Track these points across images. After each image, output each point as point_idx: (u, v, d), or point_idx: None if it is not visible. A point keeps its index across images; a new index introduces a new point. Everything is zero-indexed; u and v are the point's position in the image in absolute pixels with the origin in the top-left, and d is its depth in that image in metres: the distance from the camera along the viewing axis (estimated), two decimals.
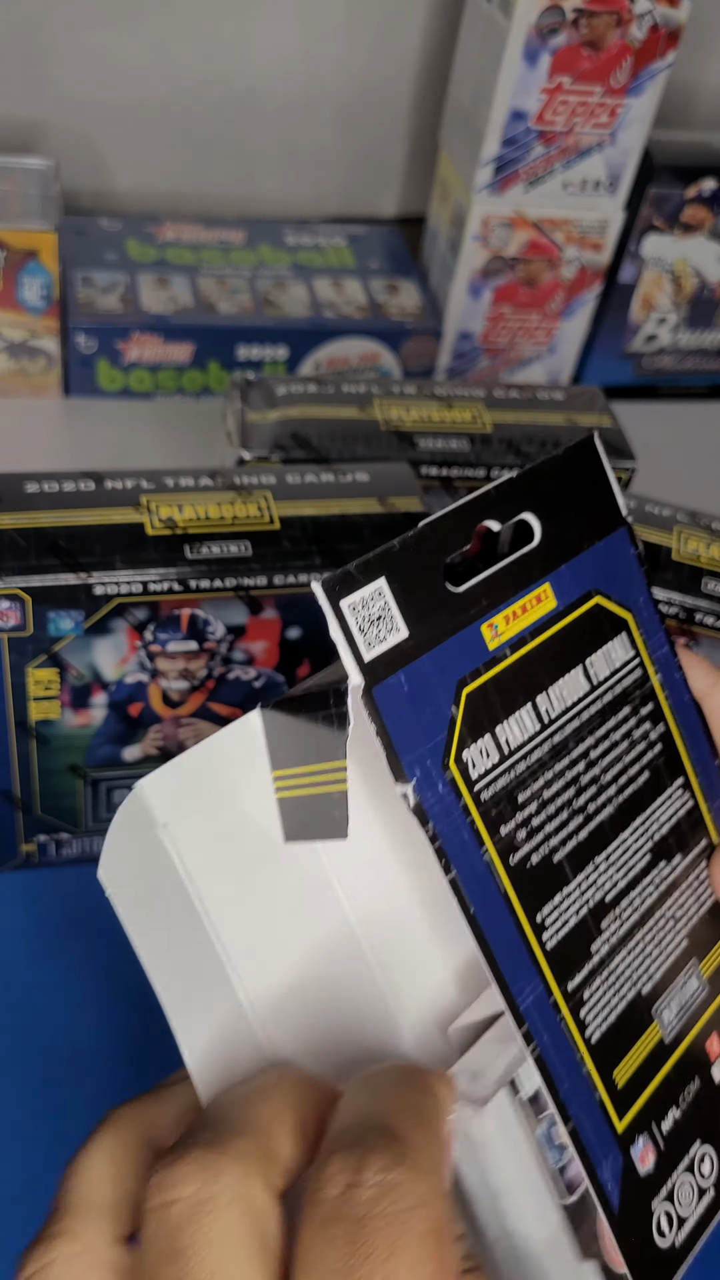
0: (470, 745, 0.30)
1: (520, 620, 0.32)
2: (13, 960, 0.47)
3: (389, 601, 0.29)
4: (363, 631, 0.29)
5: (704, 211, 0.73)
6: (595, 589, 0.34)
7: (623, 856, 0.33)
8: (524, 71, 0.64)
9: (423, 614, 0.30)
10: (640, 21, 0.64)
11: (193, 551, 0.42)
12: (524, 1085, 0.29)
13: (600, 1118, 0.31)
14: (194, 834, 0.30)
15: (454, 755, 0.30)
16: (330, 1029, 0.32)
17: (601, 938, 0.32)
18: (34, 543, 0.40)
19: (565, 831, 0.32)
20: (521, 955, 0.30)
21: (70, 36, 0.77)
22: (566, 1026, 0.31)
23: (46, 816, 0.48)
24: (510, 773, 0.31)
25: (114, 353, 0.71)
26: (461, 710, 0.30)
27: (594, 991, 0.31)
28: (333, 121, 0.85)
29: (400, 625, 0.29)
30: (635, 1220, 0.31)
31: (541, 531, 0.32)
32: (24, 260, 0.67)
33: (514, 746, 0.31)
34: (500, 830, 0.30)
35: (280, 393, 0.52)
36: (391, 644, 0.29)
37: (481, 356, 0.77)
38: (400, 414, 0.52)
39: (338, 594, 0.28)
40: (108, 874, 0.32)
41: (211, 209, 0.85)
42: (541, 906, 0.31)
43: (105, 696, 0.44)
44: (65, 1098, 0.44)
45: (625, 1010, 0.32)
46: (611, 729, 0.33)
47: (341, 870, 0.32)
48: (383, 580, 0.29)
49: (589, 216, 0.71)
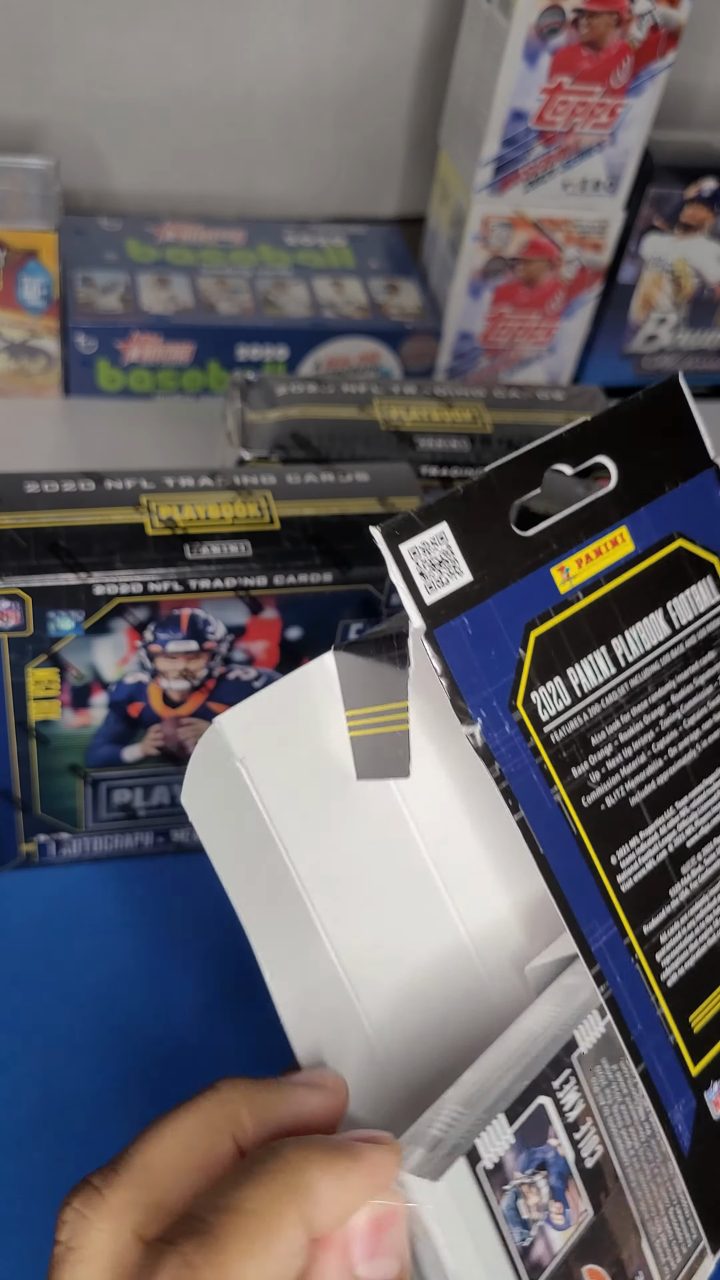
0: (539, 687, 0.30)
1: (594, 564, 0.31)
2: (12, 961, 0.47)
3: (451, 546, 0.29)
4: (423, 575, 0.29)
5: (704, 211, 0.73)
6: (678, 531, 0.33)
7: (707, 802, 0.32)
8: (524, 71, 0.64)
9: (488, 558, 0.30)
10: (640, 21, 0.64)
11: (193, 551, 0.42)
12: (487, 1153, 0.26)
13: (673, 1060, 0.30)
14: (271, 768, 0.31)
15: (522, 697, 0.30)
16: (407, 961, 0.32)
17: (681, 882, 0.31)
18: (34, 543, 0.40)
19: (643, 775, 0.31)
20: (594, 896, 0.30)
21: (70, 36, 0.77)
22: (641, 969, 0.30)
23: (46, 816, 0.48)
24: (583, 715, 0.31)
25: (114, 353, 0.71)
26: (530, 653, 0.30)
27: (671, 935, 0.31)
28: (333, 121, 0.85)
29: (464, 569, 0.29)
30: (707, 1163, 0.30)
31: (618, 474, 0.32)
32: (24, 260, 0.67)
33: (587, 689, 0.31)
34: (572, 772, 0.30)
35: (280, 393, 0.52)
36: (454, 587, 0.29)
37: (481, 356, 0.77)
38: (400, 414, 0.52)
39: (397, 538, 0.29)
40: (189, 799, 0.33)
41: (211, 209, 0.85)
42: (616, 849, 0.30)
43: (105, 696, 0.44)
44: (65, 1097, 0.44)
45: (706, 955, 0.31)
46: (696, 673, 0.33)
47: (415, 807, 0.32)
48: (444, 525, 0.29)
49: (589, 216, 0.71)
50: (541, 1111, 0.27)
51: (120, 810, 0.49)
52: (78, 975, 0.47)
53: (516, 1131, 0.27)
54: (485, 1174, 0.26)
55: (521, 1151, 0.27)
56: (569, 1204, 0.27)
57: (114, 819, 0.49)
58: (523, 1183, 0.26)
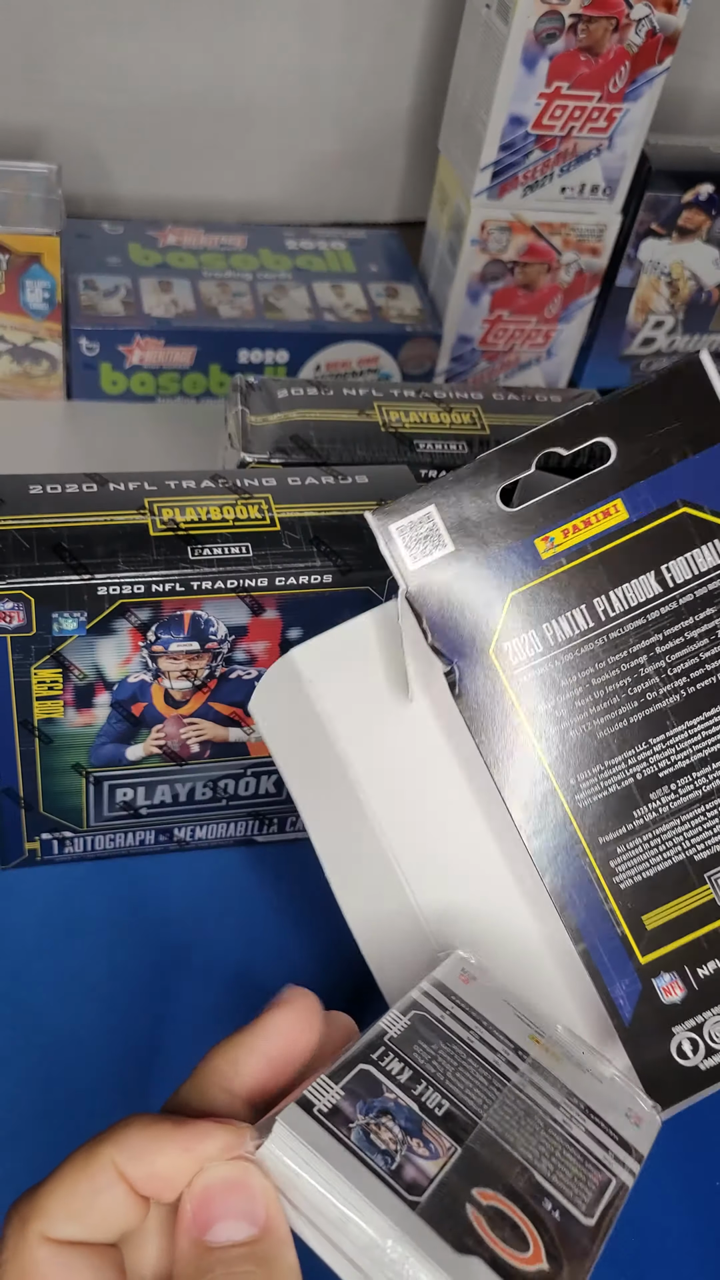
0: (513, 639, 0.36)
1: (582, 533, 0.36)
2: (16, 958, 0.48)
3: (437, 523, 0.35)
4: (409, 548, 0.36)
5: (701, 216, 0.74)
6: (683, 500, 0.36)
7: (688, 741, 0.36)
8: (522, 77, 0.65)
9: (473, 531, 0.35)
10: (637, 27, 0.64)
11: (195, 553, 0.42)
12: (318, 1100, 0.28)
13: (619, 948, 0.35)
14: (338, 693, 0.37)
15: (494, 647, 0.36)
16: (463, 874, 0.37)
17: (649, 805, 0.36)
18: (37, 544, 0.41)
19: (614, 714, 0.36)
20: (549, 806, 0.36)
21: (72, 42, 0.77)
22: (591, 869, 0.36)
23: (50, 815, 0.48)
24: (554, 661, 0.36)
25: (116, 356, 0.71)
26: (505, 611, 0.36)
27: (631, 848, 0.36)
28: (333, 127, 0.85)
29: (447, 542, 0.35)
30: (650, 1036, 0.36)
31: (617, 453, 0.36)
32: (27, 264, 0.67)
33: (560, 640, 0.36)
34: (537, 707, 0.36)
35: (281, 396, 0.53)
36: (437, 556, 0.35)
37: (480, 360, 0.78)
38: (400, 417, 0.52)
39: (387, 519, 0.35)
40: (259, 710, 0.39)
41: (213, 213, 0.86)
42: (578, 772, 0.36)
43: (108, 696, 0.44)
44: (67, 1095, 0.44)
45: (670, 869, 0.36)
46: (689, 627, 0.36)
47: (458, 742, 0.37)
48: (432, 506, 0.36)
49: (587, 221, 0.72)
50: (368, 1073, 0.29)
51: (123, 809, 0.49)
52: (80, 973, 0.48)
53: (344, 1087, 0.29)
54: (322, 1114, 0.28)
55: (357, 1101, 0.28)
56: (430, 1140, 0.28)
57: (116, 818, 0.49)
58: (368, 1122, 0.28)
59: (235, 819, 0.52)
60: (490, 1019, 0.33)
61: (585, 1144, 0.31)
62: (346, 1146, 0.27)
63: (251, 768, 0.49)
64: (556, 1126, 0.31)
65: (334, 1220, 0.26)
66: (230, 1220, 0.26)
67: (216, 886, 0.52)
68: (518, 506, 0.36)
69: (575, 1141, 0.31)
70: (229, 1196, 0.26)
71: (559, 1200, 0.29)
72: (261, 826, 0.52)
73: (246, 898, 0.52)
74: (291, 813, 0.52)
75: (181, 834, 0.51)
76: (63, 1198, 0.27)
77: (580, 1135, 0.31)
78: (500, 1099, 0.31)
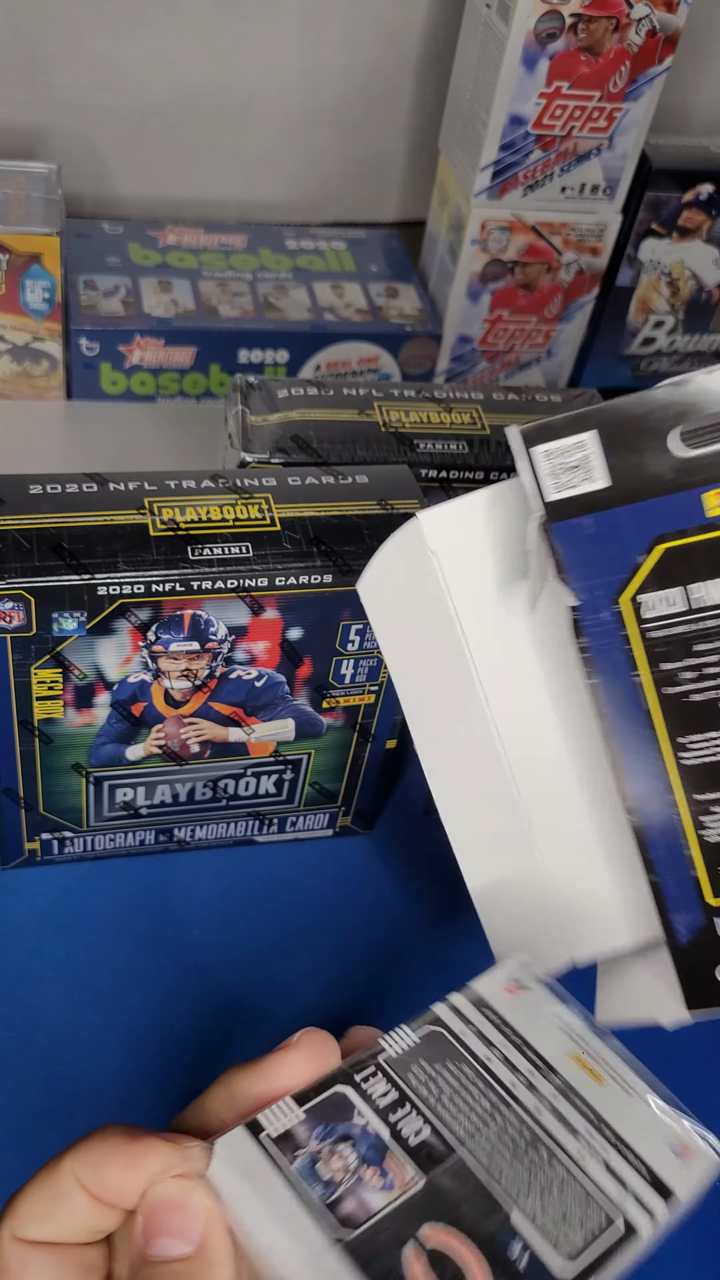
0: (652, 591, 0.34)
1: None
2: (16, 958, 0.48)
3: (591, 453, 0.33)
4: (553, 475, 0.33)
5: (701, 215, 0.74)
6: None
7: None
8: (522, 77, 0.65)
9: (632, 470, 0.33)
10: (638, 27, 0.64)
11: (195, 553, 0.42)
12: (270, 1125, 0.28)
13: (690, 888, 0.36)
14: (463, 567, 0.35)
15: (629, 595, 0.34)
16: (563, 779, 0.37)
17: None
18: (37, 544, 0.41)
19: None
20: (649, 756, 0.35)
21: (73, 42, 0.77)
22: (680, 818, 0.35)
23: (50, 815, 0.48)
24: (693, 624, 0.34)
25: (116, 356, 0.71)
26: (652, 561, 0.34)
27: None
28: (333, 126, 0.85)
29: (600, 476, 0.33)
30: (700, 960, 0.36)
31: None
32: (27, 264, 0.67)
33: (706, 605, 0.34)
34: (661, 665, 0.34)
35: (281, 396, 0.53)
36: (584, 490, 0.33)
37: (480, 360, 0.78)
38: (400, 417, 0.52)
39: (533, 440, 0.33)
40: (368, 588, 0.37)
41: (213, 213, 0.86)
42: (689, 734, 0.35)
43: (108, 696, 0.44)
44: (68, 1093, 0.44)
45: None
46: None
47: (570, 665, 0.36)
48: (591, 434, 0.33)
49: (587, 220, 0.72)
50: (341, 1096, 0.29)
51: (123, 809, 0.49)
52: (80, 973, 0.48)
53: (307, 1109, 0.29)
54: (269, 1140, 0.28)
55: (317, 1125, 0.28)
56: (390, 1170, 0.28)
57: (116, 817, 0.49)
58: (320, 1149, 0.28)
59: (235, 819, 0.52)
60: (524, 1034, 0.32)
61: (597, 1179, 0.29)
62: (283, 1174, 0.27)
63: (251, 768, 0.49)
64: (563, 1158, 0.29)
65: (257, 1249, 0.27)
66: (169, 1237, 0.28)
67: (216, 886, 0.52)
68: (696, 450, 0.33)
69: (584, 1176, 0.29)
70: (169, 1214, 0.28)
71: (534, 1242, 0.27)
72: (261, 826, 0.52)
73: (246, 898, 0.52)
74: (291, 812, 0.52)
75: (181, 834, 0.51)
76: (29, 1201, 0.29)
77: (593, 1169, 0.29)
78: (499, 1125, 0.29)
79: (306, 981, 0.49)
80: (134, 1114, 0.44)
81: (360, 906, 0.52)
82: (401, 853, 0.55)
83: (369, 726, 0.49)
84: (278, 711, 0.47)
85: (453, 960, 0.51)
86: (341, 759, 0.50)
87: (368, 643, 0.46)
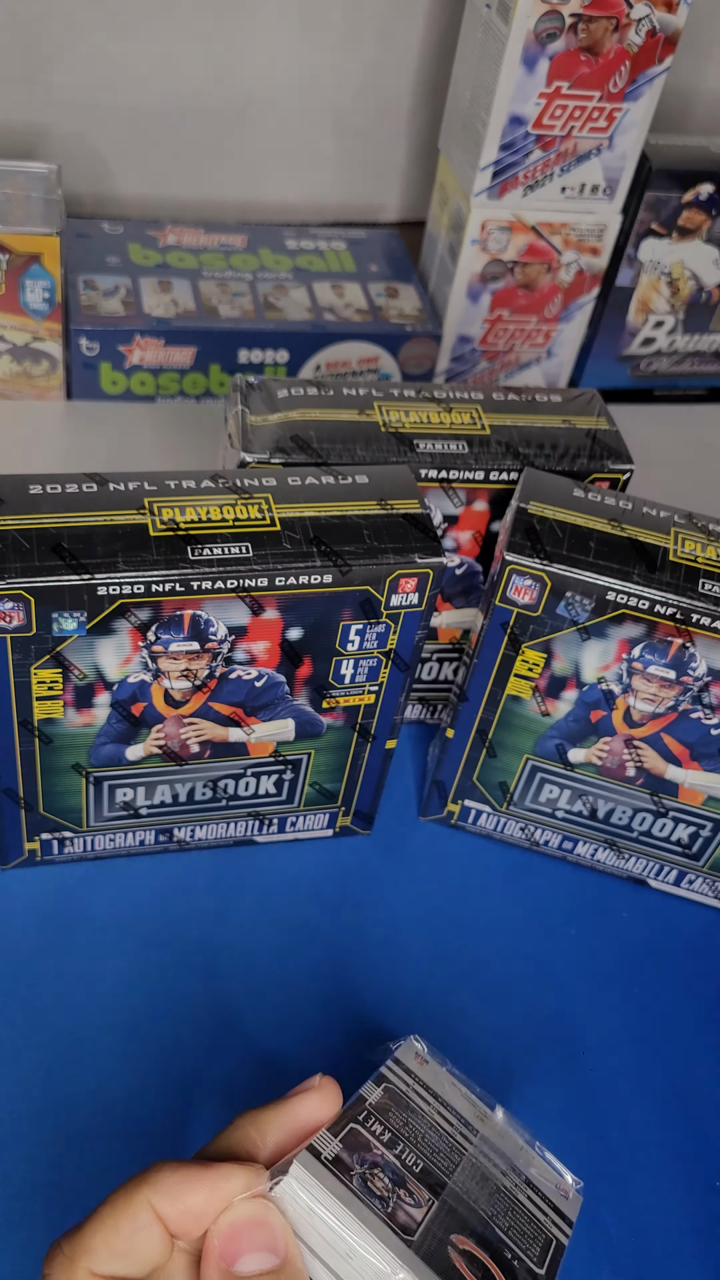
0: None
1: None
2: (16, 957, 0.48)
3: None
4: None
5: (701, 215, 0.74)
6: None
7: None
8: (522, 77, 0.65)
9: None
10: (637, 27, 0.64)
11: (195, 553, 0.42)
12: (324, 1149, 0.32)
13: None
14: None
15: None
16: None
17: None
18: (38, 544, 0.41)
19: None
20: None
21: (72, 42, 0.77)
22: None
23: (50, 815, 0.48)
24: None
25: (116, 356, 0.71)
26: None
27: None
28: (333, 126, 0.85)
29: None
30: None
31: None
32: (27, 264, 0.67)
33: None
34: None
35: (281, 396, 0.53)
36: None
37: (480, 360, 0.78)
38: (400, 417, 0.52)
39: None
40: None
41: (213, 213, 0.86)
42: None
43: (108, 696, 0.44)
44: (68, 1092, 0.44)
45: None
46: None
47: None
48: None
49: (587, 220, 0.72)
50: (357, 1132, 0.34)
51: (123, 809, 0.49)
52: (80, 972, 0.48)
53: (341, 1140, 0.33)
54: (329, 1161, 0.32)
55: (354, 1153, 0.33)
56: (413, 1191, 0.33)
57: (116, 817, 0.49)
58: (364, 1171, 0.32)
59: (235, 819, 0.52)
60: (445, 1097, 0.38)
61: (529, 1208, 0.36)
62: (350, 1189, 0.31)
63: (251, 768, 0.49)
64: (507, 1191, 0.36)
65: (344, 1253, 0.30)
66: (256, 1253, 0.30)
67: (216, 886, 0.52)
68: None
69: (522, 1205, 0.36)
70: (253, 1231, 0.30)
71: (516, 1252, 0.34)
72: (261, 826, 0.52)
73: (246, 898, 0.52)
74: (291, 813, 0.52)
75: (181, 834, 0.51)
76: (106, 1236, 0.30)
77: (525, 1200, 0.36)
78: (462, 1164, 0.35)
79: (306, 981, 0.49)
80: (133, 1115, 0.44)
81: (360, 906, 0.52)
82: (401, 853, 0.55)
83: (369, 726, 0.49)
84: (278, 711, 0.47)
85: None
86: (341, 759, 0.51)
87: (368, 643, 0.46)
